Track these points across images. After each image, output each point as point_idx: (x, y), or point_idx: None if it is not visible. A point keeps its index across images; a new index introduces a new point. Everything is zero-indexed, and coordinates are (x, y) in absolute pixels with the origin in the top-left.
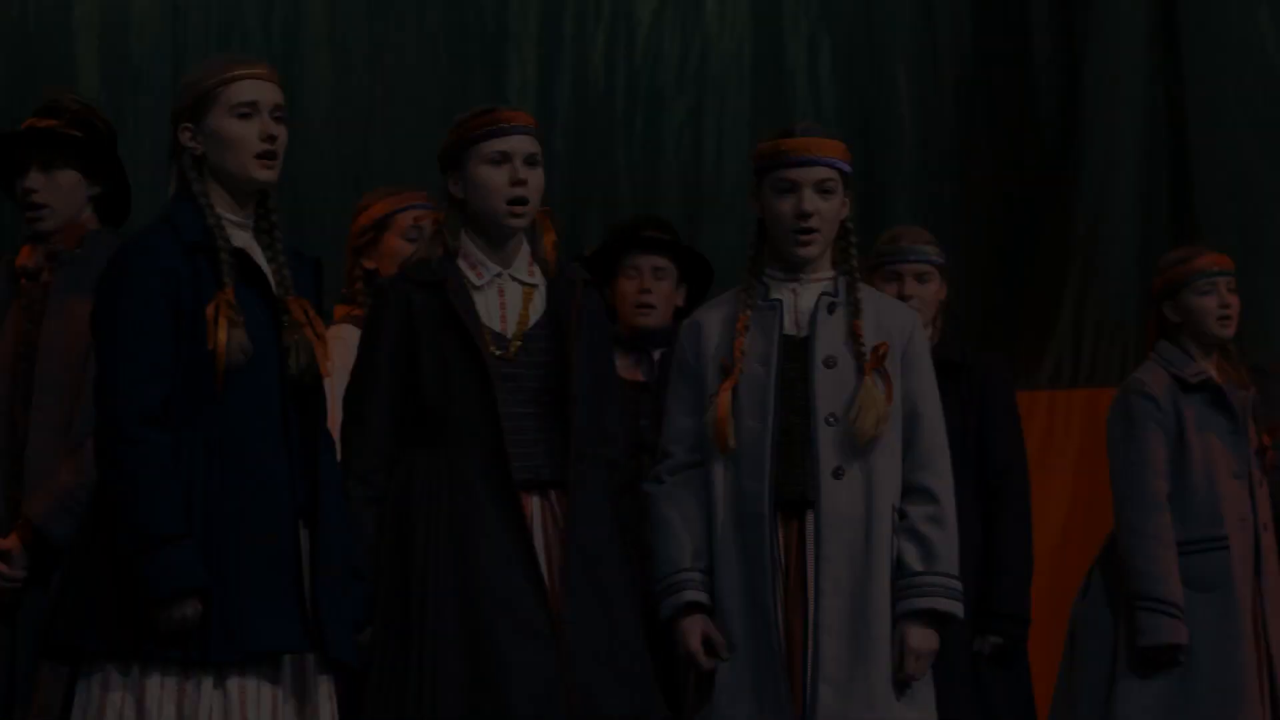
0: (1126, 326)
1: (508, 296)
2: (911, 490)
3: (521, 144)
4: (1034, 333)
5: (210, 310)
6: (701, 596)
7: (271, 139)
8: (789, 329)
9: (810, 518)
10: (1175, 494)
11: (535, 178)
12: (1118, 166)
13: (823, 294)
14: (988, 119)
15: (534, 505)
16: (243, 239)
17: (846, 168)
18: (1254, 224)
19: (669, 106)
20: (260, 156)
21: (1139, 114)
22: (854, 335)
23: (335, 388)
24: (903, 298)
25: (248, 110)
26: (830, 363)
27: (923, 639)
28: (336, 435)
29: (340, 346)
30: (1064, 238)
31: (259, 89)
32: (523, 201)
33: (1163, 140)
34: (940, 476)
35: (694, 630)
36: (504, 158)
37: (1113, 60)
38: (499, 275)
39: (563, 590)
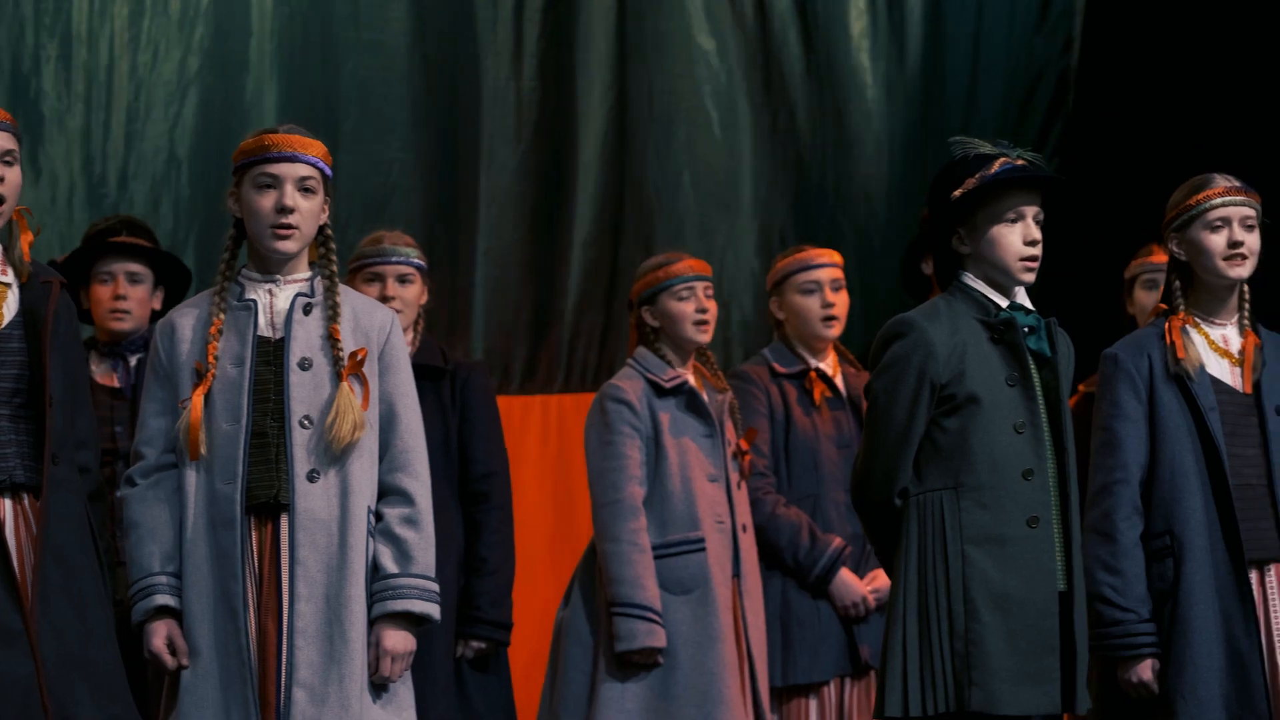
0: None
1: None
2: (388, 492)
3: None
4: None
5: None
6: (172, 601)
7: None
8: (264, 330)
9: (284, 521)
10: (652, 498)
11: (11, 175)
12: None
13: (298, 295)
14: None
15: (6, 508)
16: None
17: (328, 170)
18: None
19: None
20: None
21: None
22: (331, 338)
23: None
24: (384, 299)
25: None
26: (305, 365)
27: (398, 641)
28: None
29: None
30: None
31: None
32: None
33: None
34: (417, 478)
35: (159, 633)
36: None
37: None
38: None
39: (36, 595)
